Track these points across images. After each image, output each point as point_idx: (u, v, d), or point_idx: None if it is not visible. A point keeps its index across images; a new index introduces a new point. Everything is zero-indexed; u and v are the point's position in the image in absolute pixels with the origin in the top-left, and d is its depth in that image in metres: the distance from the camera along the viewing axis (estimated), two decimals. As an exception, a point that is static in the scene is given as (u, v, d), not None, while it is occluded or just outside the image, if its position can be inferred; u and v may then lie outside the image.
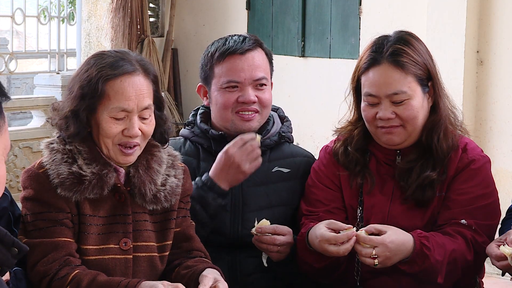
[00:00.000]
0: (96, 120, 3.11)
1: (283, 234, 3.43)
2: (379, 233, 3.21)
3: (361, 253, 3.20)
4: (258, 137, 3.40)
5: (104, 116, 3.08)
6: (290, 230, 3.46)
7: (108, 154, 3.14)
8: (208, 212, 3.34)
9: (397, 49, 3.34)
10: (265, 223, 3.23)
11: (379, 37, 3.40)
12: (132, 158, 3.13)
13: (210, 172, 3.46)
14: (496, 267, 3.13)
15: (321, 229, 3.18)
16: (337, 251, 3.23)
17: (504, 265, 3.10)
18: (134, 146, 3.13)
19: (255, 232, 3.35)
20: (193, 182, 3.46)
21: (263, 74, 3.53)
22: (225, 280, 3.16)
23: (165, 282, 3.00)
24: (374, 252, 3.16)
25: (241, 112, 3.56)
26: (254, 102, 3.56)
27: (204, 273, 3.10)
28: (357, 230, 3.29)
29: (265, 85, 3.58)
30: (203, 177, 3.39)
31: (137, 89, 3.09)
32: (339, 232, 3.24)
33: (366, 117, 3.41)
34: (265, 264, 3.48)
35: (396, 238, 3.19)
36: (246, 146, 3.36)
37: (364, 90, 3.34)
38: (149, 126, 3.13)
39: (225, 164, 3.39)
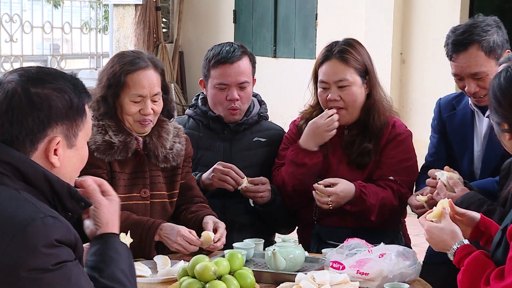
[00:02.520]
0: (120, 103, 3.19)
1: (263, 183, 3.41)
2: (332, 185, 3.17)
3: (319, 201, 3.29)
4: (245, 181, 3.42)
5: (126, 100, 3.16)
6: (266, 179, 3.50)
7: (130, 127, 3.20)
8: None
9: (343, 49, 3.43)
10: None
11: (332, 42, 3.46)
12: (147, 129, 3.23)
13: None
14: (415, 213, 3.08)
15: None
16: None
17: (420, 212, 3.08)
18: (149, 121, 3.17)
19: (243, 188, 3.35)
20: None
21: (245, 79, 3.59)
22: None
23: (182, 230, 3.05)
24: (329, 200, 3.07)
25: (229, 110, 3.58)
26: (237, 100, 3.55)
27: (205, 220, 3.19)
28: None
29: (247, 86, 3.60)
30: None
31: (149, 80, 3.17)
32: None
33: (320, 99, 3.52)
34: (252, 205, 3.54)
35: (344, 188, 3.31)
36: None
37: (319, 78, 3.35)
38: (159, 106, 3.22)
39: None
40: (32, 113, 1.96)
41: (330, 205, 3.28)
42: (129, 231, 2.54)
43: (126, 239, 2.39)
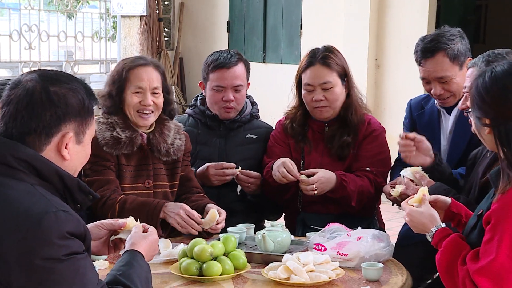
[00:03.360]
0: (124, 97, 3.19)
1: (253, 177, 3.46)
2: (313, 174, 3.24)
3: (305, 189, 3.28)
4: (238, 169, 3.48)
5: (128, 93, 3.19)
6: (258, 173, 3.51)
7: (132, 119, 3.20)
8: None
9: (325, 55, 3.43)
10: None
11: (313, 49, 3.41)
12: (148, 122, 3.22)
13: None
14: (389, 200, 3.09)
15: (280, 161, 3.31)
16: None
17: (393, 199, 3.21)
18: (148, 113, 3.17)
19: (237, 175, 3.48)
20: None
21: (240, 82, 3.60)
22: None
23: (185, 205, 3.08)
24: (314, 186, 3.11)
25: (223, 108, 3.58)
26: (232, 101, 3.57)
27: (209, 205, 3.18)
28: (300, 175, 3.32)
29: (241, 89, 3.61)
30: None
31: (148, 75, 3.20)
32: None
33: (306, 101, 3.47)
34: (238, 193, 3.55)
35: (325, 174, 3.30)
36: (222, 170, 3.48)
37: (304, 82, 3.39)
38: (159, 99, 3.21)
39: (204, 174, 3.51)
40: (50, 108, 1.95)
41: (315, 191, 3.25)
42: (132, 217, 2.52)
43: (132, 222, 2.37)
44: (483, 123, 2.28)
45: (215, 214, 3.04)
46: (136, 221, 2.41)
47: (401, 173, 3.13)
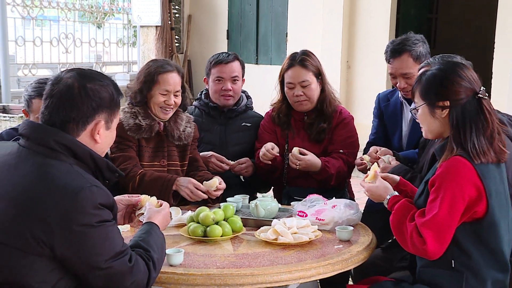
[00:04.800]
0: (151, 95, 3.16)
1: (243, 162, 3.47)
2: (304, 154, 3.27)
3: (291, 161, 3.26)
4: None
5: (156, 93, 3.15)
6: (248, 159, 3.50)
7: (154, 112, 3.18)
8: None
9: (303, 58, 3.42)
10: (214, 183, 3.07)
11: (293, 53, 3.48)
12: (168, 116, 3.21)
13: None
14: (358, 171, 3.27)
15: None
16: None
17: (361, 169, 3.24)
18: (170, 110, 3.17)
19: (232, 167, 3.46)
20: None
21: (236, 74, 3.59)
22: None
23: (193, 179, 3.06)
24: (298, 163, 3.22)
25: (223, 96, 3.55)
26: (230, 90, 3.56)
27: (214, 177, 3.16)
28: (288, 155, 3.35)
29: (237, 80, 3.60)
30: None
31: (174, 80, 3.17)
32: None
33: (288, 96, 3.47)
34: (242, 180, 3.53)
35: (313, 159, 3.27)
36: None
37: (286, 80, 3.35)
38: (178, 99, 3.21)
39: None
40: (87, 101, 1.95)
41: (298, 166, 3.24)
42: (145, 194, 2.47)
43: (146, 198, 2.36)
44: (442, 106, 2.26)
45: (216, 181, 3.03)
46: (152, 196, 2.40)
47: (382, 157, 3.08)
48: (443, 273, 2.23)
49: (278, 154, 3.31)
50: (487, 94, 2.26)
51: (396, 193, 2.41)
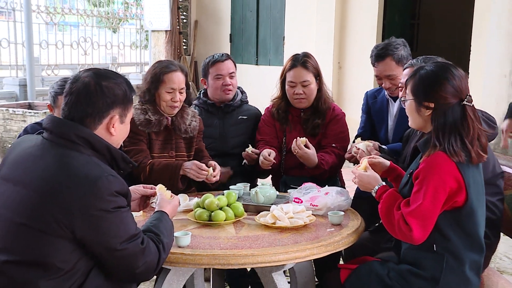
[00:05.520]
0: (158, 93, 3.12)
1: (256, 153, 3.39)
2: (307, 147, 3.21)
3: (293, 146, 3.20)
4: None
5: (162, 91, 3.11)
6: (257, 151, 3.41)
7: (163, 109, 3.15)
8: None
9: (305, 60, 3.38)
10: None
11: (295, 54, 3.36)
12: (174, 112, 3.18)
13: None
14: (349, 161, 3.23)
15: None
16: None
17: (349, 157, 3.18)
18: (176, 106, 3.13)
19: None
20: None
21: (233, 70, 3.58)
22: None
23: (196, 161, 3.04)
24: (298, 150, 3.17)
25: (224, 91, 3.54)
26: (230, 85, 3.54)
27: (209, 162, 3.11)
28: (286, 151, 3.37)
29: (234, 76, 3.59)
30: None
31: (178, 78, 3.12)
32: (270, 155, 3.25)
33: (289, 93, 3.43)
34: (243, 164, 3.43)
35: (310, 153, 3.21)
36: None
37: (288, 80, 3.34)
38: (183, 96, 3.16)
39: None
40: (103, 98, 1.95)
41: (296, 152, 3.19)
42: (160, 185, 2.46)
43: (161, 188, 2.37)
44: (427, 106, 2.23)
45: (210, 171, 2.95)
46: (164, 184, 2.42)
47: (357, 145, 3.07)
48: (426, 255, 2.22)
49: (275, 161, 3.25)
50: (472, 101, 2.22)
51: (384, 184, 2.39)
